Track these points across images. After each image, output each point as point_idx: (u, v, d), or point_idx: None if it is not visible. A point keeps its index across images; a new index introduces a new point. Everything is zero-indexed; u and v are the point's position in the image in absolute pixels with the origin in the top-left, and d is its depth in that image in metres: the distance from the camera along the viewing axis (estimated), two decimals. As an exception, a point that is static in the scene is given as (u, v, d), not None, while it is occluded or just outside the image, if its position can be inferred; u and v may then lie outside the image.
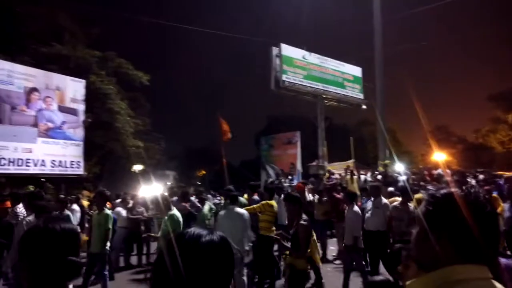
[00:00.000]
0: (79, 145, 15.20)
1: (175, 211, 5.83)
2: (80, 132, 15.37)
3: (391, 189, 9.36)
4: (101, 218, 6.17)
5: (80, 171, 15.17)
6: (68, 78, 15.56)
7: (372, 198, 7.20)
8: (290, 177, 16.42)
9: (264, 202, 6.95)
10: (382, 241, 6.70)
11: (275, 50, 18.61)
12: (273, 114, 39.69)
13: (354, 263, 6.54)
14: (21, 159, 13.25)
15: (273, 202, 6.99)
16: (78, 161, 15.07)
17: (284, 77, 18.12)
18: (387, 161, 16.66)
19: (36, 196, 5.64)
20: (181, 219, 5.81)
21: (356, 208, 6.98)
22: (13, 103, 13.45)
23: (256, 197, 8.34)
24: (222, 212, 6.31)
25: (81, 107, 15.56)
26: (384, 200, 7.08)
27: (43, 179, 15.22)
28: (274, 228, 6.73)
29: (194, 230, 1.01)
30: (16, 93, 13.58)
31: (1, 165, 12.72)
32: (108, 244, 6.25)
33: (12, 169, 13.03)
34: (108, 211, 6.40)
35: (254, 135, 37.32)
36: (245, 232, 5.88)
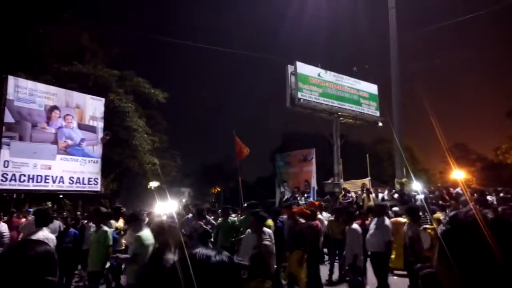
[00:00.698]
0: (97, 162, 15.43)
1: (143, 233, 5.15)
2: (98, 149, 15.62)
3: (395, 209, 9.19)
4: (100, 236, 6.04)
5: (97, 187, 15.35)
6: (88, 96, 15.93)
7: (376, 218, 7.01)
8: (305, 195, 16.31)
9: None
10: (380, 262, 6.54)
11: (290, 68, 18.72)
12: (288, 132, 39.75)
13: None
14: (40, 175, 13.50)
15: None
16: (96, 178, 15.27)
17: (299, 95, 18.14)
18: (404, 180, 16.40)
19: (43, 214, 5.54)
20: (149, 241, 4.87)
21: (355, 226, 6.87)
22: (34, 120, 13.79)
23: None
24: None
25: (100, 125, 15.85)
26: (387, 221, 6.86)
27: (61, 196, 15.45)
28: None
29: (202, 250, 1.01)
30: (37, 111, 13.94)
31: (21, 182, 12.97)
32: (108, 263, 6.14)
33: (31, 186, 13.28)
34: (107, 228, 6.22)
35: (270, 152, 37.35)
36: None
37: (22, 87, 13.76)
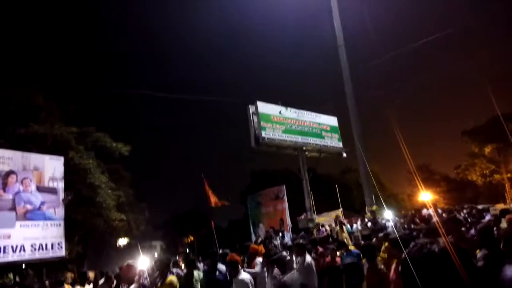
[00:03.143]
0: (60, 225, 14.63)
1: None
2: (60, 211, 14.86)
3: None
4: None
5: (62, 252, 14.48)
6: (46, 156, 15.31)
7: (298, 258, 6.56)
8: (280, 233, 16.09)
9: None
10: None
11: (251, 108, 19.04)
12: (256, 170, 39.71)
13: None
14: (-1, 246, 12.62)
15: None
16: (60, 242, 14.42)
17: (263, 134, 18.38)
18: (374, 207, 16.61)
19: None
20: None
21: (307, 259, 6.46)
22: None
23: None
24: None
25: (60, 185, 15.18)
26: (308, 260, 6.44)
27: (23, 266, 14.44)
28: None
29: None
30: (-3, 178, 13.25)
31: (-23, 255, 12.06)
32: None
33: (-12, 259, 12.35)
34: None
35: (240, 193, 37.02)
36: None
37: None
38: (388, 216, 14.30)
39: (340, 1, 21.56)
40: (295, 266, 6.49)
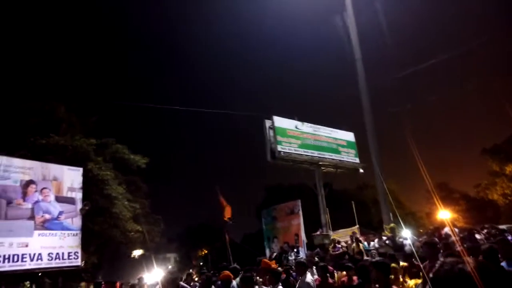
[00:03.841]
0: (76, 235, 14.80)
1: None
2: (77, 221, 15.05)
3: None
4: None
5: (78, 262, 14.61)
6: (65, 167, 15.58)
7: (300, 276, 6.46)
8: (295, 249, 15.93)
9: None
10: None
11: (268, 123, 19.00)
12: (272, 185, 39.53)
13: None
14: (17, 254, 12.77)
15: None
16: (76, 252, 14.57)
17: (279, 148, 18.29)
18: (392, 225, 16.30)
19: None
20: None
21: (308, 278, 6.33)
22: (9, 197, 13.27)
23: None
24: None
25: (78, 196, 15.40)
26: (308, 279, 6.34)
27: (40, 274, 14.63)
28: None
29: None
30: (12, 187, 13.47)
31: (-4, 263, 12.26)
32: None
33: (7, 266, 12.49)
34: None
35: (256, 207, 36.83)
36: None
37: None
38: (406, 234, 13.99)
39: (358, 15, 21.57)
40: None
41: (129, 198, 20.29)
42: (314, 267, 8.83)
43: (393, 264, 5.95)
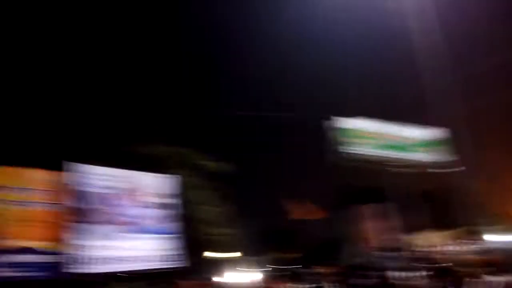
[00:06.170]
0: (174, 238, 16.42)
1: None
2: (174, 226, 16.64)
3: None
4: None
5: (183, 263, 16.33)
6: (160, 175, 17.15)
7: None
8: (375, 252, 15.96)
9: None
10: None
11: (333, 123, 18.04)
12: (343, 186, 38.40)
13: None
14: (126, 257, 14.63)
15: None
16: (179, 254, 16.35)
17: (346, 149, 17.49)
18: (480, 229, 15.47)
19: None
20: None
21: None
22: (110, 204, 14.94)
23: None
24: None
25: (174, 202, 16.98)
26: None
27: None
28: None
29: None
30: (113, 195, 15.12)
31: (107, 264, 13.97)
32: None
33: (120, 268, 14.42)
34: None
35: (330, 210, 36.32)
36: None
37: (95, 173, 14.87)
38: (495, 239, 13.36)
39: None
40: None
41: (215, 203, 21.30)
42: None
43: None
